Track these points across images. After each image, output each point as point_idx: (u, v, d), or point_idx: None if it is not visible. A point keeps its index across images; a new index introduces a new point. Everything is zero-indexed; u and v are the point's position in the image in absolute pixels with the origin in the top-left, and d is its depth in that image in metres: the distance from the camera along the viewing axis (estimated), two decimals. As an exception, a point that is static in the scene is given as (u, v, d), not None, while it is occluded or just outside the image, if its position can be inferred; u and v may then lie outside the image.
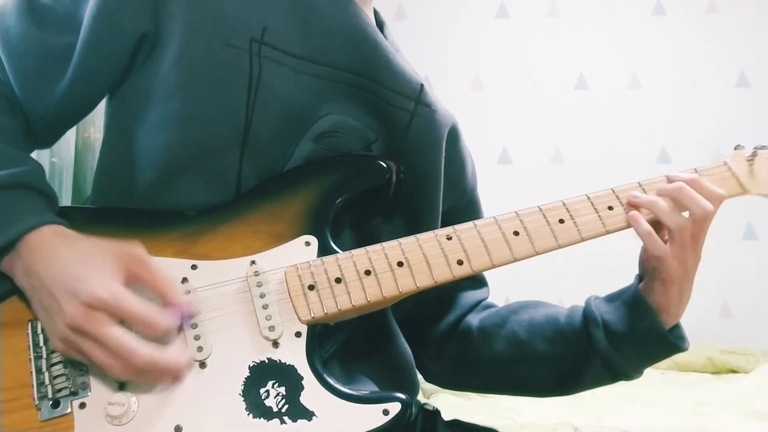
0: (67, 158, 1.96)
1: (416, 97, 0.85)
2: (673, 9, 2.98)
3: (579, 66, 3.00)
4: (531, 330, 0.89)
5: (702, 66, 2.94)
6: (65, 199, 1.95)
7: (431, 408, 0.93)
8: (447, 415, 0.93)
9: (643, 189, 0.82)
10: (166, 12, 0.76)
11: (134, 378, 0.65)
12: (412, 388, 0.89)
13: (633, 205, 0.80)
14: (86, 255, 0.66)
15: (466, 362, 0.95)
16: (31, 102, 0.78)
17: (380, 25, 0.94)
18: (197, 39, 0.76)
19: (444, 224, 0.85)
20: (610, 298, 0.86)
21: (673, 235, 0.78)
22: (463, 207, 0.96)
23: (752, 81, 2.92)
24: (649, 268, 0.81)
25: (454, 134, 0.91)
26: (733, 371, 2.50)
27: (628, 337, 0.82)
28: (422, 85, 0.86)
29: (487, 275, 1.02)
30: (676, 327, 0.82)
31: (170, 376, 0.66)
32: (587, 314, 0.85)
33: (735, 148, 0.87)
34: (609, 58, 2.99)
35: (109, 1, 0.75)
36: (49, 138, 0.85)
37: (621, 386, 2.12)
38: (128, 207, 0.80)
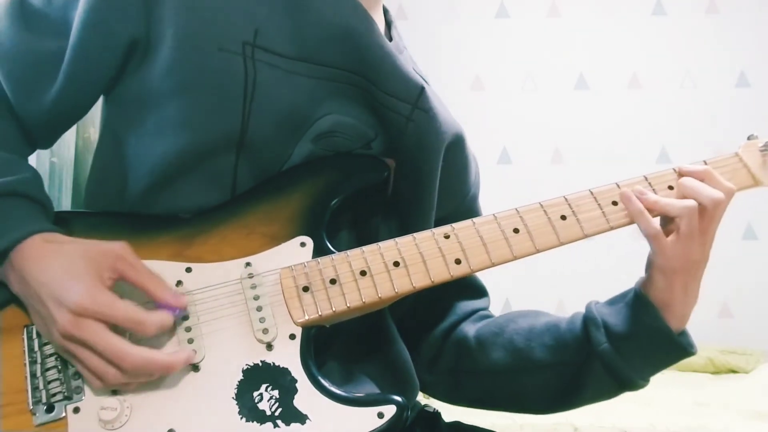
0: (67, 158, 1.95)
1: (414, 101, 0.82)
2: (673, 9, 2.97)
3: (579, 66, 3.00)
4: (530, 338, 0.85)
5: (702, 66, 2.94)
6: (65, 199, 1.95)
7: (432, 410, 0.92)
8: (448, 416, 0.93)
9: (649, 183, 0.79)
10: (156, 17, 0.75)
11: (131, 381, 0.65)
12: (411, 388, 0.88)
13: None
14: (71, 261, 0.66)
15: (461, 373, 0.91)
16: (25, 107, 0.78)
17: (389, 24, 0.92)
18: (190, 45, 0.75)
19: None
20: (612, 302, 0.83)
21: (678, 224, 0.74)
22: (462, 212, 0.92)
23: (752, 81, 2.91)
24: (650, 258, 0.78)
25: (458, 143, 0.89)
26: (733, 371, 2.49)
27: (631, 336, 0.78)
28: (422, 89, 0.83)
29: (486, 275, 1.00)
30: (684, 333, 0.79)
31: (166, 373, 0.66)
32: (587, 317, 0.82)
33: (748, 138, 0.83)
34: (609, 58, 2.99)
35: (98, 6, 0.74)
36: (46, 140, 0.85)
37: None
38: (123, 211, 0.79)
